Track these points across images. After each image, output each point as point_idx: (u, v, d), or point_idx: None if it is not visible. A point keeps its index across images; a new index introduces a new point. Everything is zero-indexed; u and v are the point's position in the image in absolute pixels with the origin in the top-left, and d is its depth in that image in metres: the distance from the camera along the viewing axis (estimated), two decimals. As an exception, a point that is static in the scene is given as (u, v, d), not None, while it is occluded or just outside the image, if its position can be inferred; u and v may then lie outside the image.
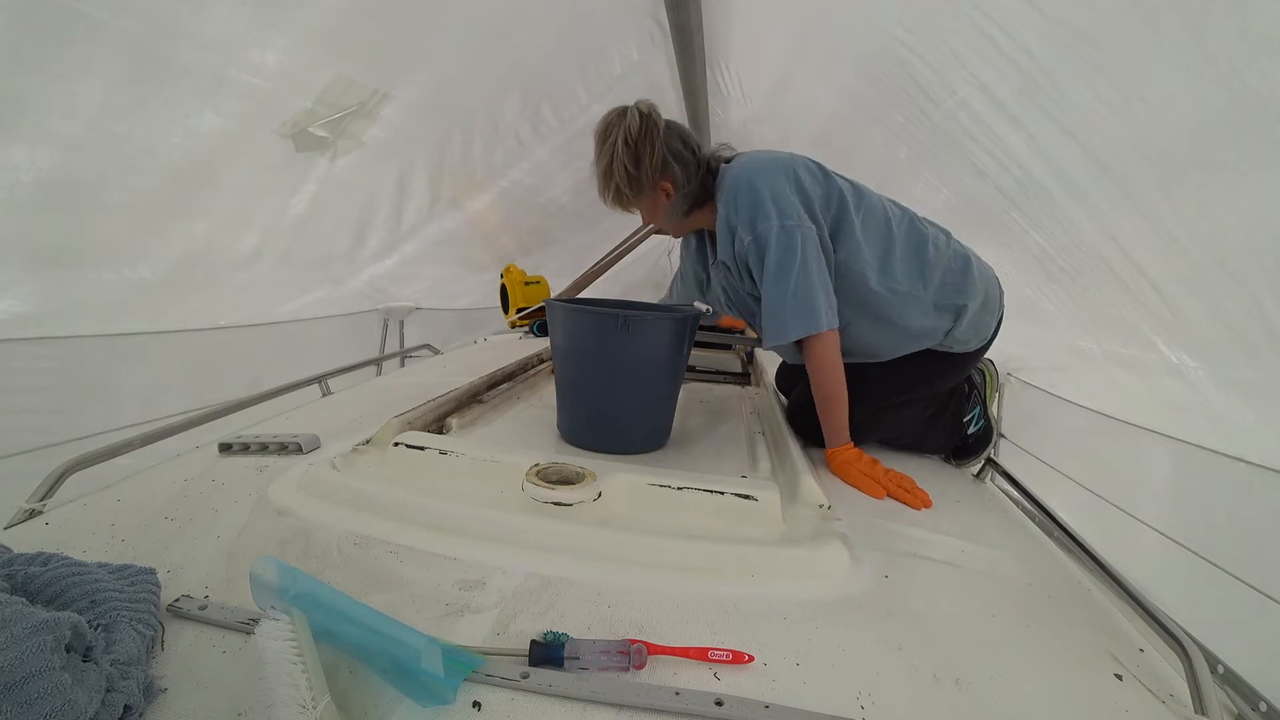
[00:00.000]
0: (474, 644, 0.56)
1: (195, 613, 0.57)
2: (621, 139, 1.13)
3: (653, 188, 1.17)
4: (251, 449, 0.99)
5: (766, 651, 0.59)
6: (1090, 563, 0.86)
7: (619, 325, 1.06)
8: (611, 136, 1.14)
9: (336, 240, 2.31)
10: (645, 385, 1.15)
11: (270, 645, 0.47)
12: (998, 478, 1.24)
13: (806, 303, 1.08)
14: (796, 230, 1.08)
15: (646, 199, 1.20)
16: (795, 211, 1.09)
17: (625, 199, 1.19)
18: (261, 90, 1.46)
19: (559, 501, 0.83)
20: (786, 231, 1.08)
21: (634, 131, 1.12)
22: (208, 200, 1.64)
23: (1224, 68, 0.91)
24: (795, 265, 1.07)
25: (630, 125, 1.13)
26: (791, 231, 1.08)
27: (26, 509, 0.75)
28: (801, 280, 1.07)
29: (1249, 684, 0.68)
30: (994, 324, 1.29)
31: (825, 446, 1.16)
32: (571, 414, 1.20)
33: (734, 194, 1.13)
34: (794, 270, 1.07)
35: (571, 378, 1.18)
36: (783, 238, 1.08)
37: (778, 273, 1.08)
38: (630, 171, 1.14)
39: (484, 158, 2.43)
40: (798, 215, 1.09)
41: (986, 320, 1.26)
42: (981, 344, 1.28)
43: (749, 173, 1.13)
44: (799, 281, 1.07)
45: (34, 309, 1.43)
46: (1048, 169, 1.41)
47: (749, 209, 1.11)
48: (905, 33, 1.44)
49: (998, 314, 1.29)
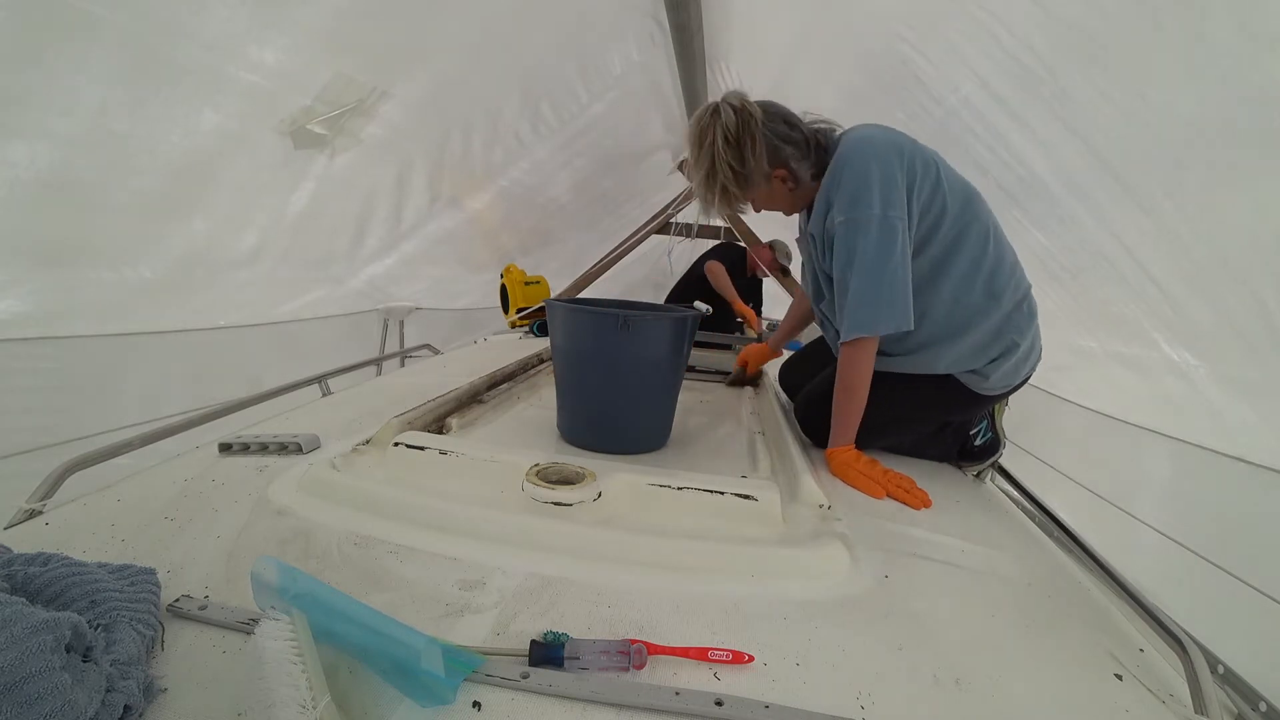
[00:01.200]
0: (474, 644, 0.56)
1: (195, 613, 0.57)
2: (721, 139, 1.07)
3: (766, 179, 1.13)
4: (251, 449, 0.99)
5: (766, 652, 0.59)
6: (1090, 563, 0.86)
7: (619, 325, 1.05)
8: (708, 138, 1.08)
9: (336, 238, 2.31)
10: (645, 385, 1.15)
11: (270, 645, 0.47)
12: (998, 478, 1.24)
13: (898, 300, 1.04)
14: (899, 222, 1.03)
15: (760, 191, 1.15)
16: (900, 202, 1.04)
17: (734, 199, 1.14)
18: (261, 88, 1.46)
19: (559, 501, 0.83)
20: (889, 222, 1.03)
21: (733, 128, 1.07)
22: (207, 198, 1.64)
23: (1227, 66, 0.91)
24: (894, 258, 1.03)
25: (727, 123, 1.07)
26: (894, 224, 1.03)
27: (26, 509, 0.75)
28: (899, 274, 1.03)
29: (1249, 684, 0.68)
30: (1026, 374, 1.23)
31: (826, 446, 1.15)
32: (571, 414, 1.20)
33: (840, 168, 1.07)
34: (890, 263, 1.03)
35: (571, 378, 1.18)
36: (885, 228, 1.03)
37: (875, 263, 1.04)
38: (737, 170, 1.09)
39: (483, 156, 2.43)
40: (901, 206, 1.04)
41: (1022, 370, 1.21)
42: (1005, 390, 1.23)
43: (861, 149, 1.07)
44: (894, 276, 1.03)
45: (33, 309, 1.43)
46: (1050, 167, 1.41)
47: (851, 189, 1.05)
48: (907, 29, 1.44)
49: (1032, 365, 1.24)
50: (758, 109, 1.10)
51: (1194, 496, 1.51)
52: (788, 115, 1.14)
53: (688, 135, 1.13)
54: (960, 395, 1.20)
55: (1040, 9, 1.12)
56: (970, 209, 1.12)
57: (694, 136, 1.11)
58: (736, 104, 1.09)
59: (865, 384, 1.11)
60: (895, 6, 1.41)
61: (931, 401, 1.22)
